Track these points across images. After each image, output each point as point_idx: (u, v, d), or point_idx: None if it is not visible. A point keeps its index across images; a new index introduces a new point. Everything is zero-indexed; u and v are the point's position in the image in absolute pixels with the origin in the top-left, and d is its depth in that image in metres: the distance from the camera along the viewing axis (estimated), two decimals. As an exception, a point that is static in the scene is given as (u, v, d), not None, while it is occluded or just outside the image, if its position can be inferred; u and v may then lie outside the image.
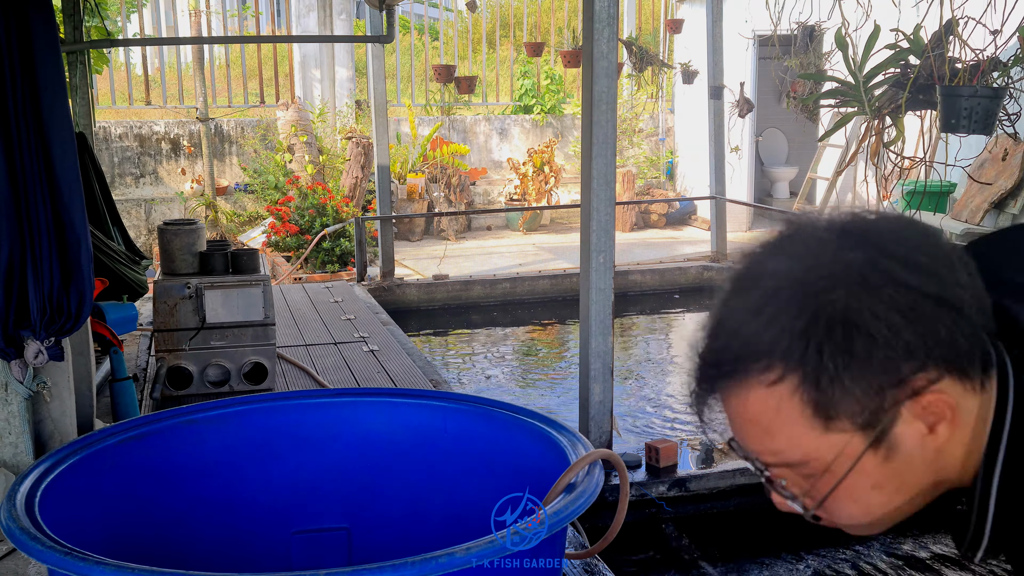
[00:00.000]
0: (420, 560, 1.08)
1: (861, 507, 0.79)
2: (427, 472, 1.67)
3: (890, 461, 0.76)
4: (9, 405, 2.37)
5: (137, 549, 1.41)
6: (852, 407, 0.74)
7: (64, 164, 2.24)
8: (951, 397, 0.75)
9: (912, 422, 0.75)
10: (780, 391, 0.75)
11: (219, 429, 1.63)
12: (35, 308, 2.22)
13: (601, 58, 2.95)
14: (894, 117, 3.23)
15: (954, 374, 0.74)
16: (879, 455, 0.76)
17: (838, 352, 0.72)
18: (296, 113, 8.79)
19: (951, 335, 0.73)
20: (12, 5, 2.15)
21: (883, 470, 0.77)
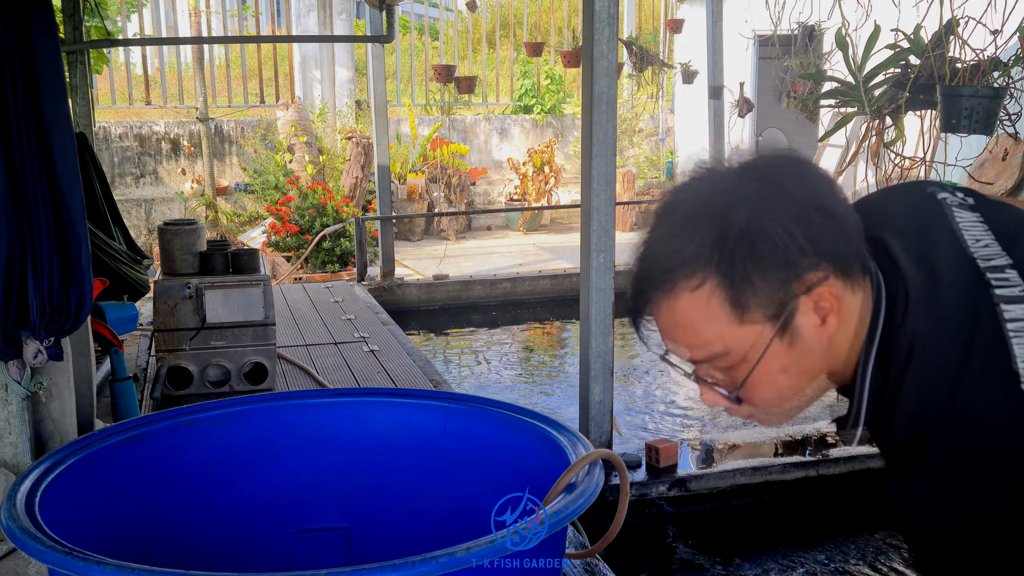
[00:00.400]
0: (420, 560, 1.07)
1: (773, 390, 0.95)
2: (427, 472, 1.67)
3: (793, 347, 0.92)
4: (9, 405, 2.37)
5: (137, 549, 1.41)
6: (761, 301, 0.90)
7: (64, 164, 2.24)
8: (837, 292, 0.91)
9: (808, 313, 0.91)
10: (702, 293, 0.91)
11: (219, 429, 1.63)
12: (35, 308, 2.22)
13: (601, 58, 2.95)
14: (894, 117, 3.23)
15: (838, 274, 0.91)
16: (785, 342, 0.92)
17: (746, 256, 0.88)
18: (296, 113, 8.80)
19: (835, 241, 0.90)
20: (12, 5, 2.15)
21: (788, 355, 0.93)
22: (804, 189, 0.91)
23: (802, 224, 0.89)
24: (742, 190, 0.91)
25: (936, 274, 0.92)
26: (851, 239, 0.92)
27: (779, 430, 3.72)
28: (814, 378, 0.96)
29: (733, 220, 0.89)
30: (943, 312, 0.90)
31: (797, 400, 0.98)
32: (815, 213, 0.90)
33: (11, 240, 2.16)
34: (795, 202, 0.90)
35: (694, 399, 5.01)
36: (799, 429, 3.70)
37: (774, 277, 0.89)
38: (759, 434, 3.66)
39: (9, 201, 2.15)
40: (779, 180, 0.91)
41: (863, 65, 3.21)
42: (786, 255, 0.89)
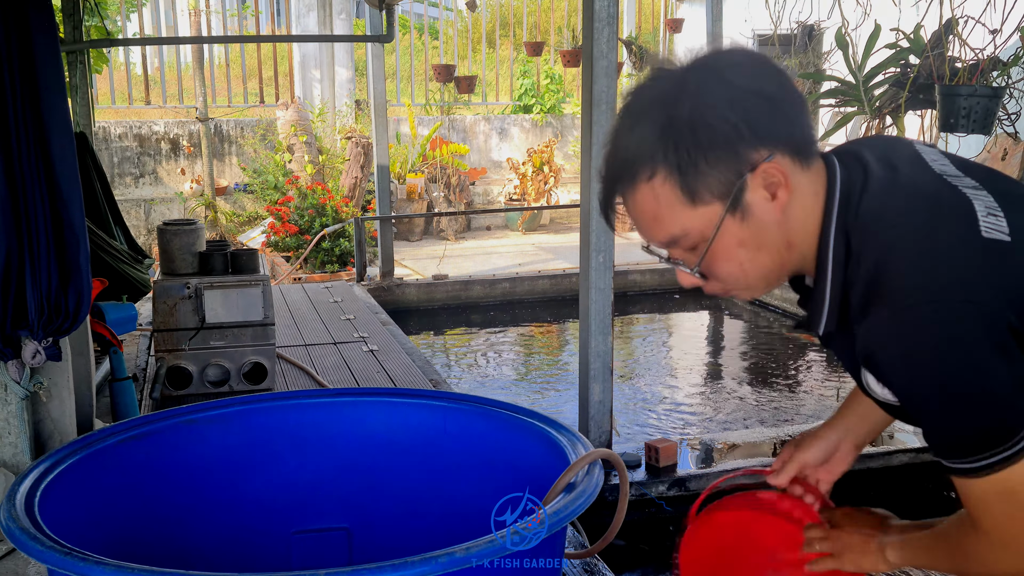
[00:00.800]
0: (420, 560, 1.08)
1: (734, 264, 1.03)
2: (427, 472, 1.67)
3: (747, 222, 1.00)
4: (9, 405, 2.37)
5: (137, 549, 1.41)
6: (709, 184, 0.98)
7: (63, 164, 2.24)
8: (784, 168, 0.99)
9: (757, 190, 0.99)
10: (656, 183, 0.99)
11: (219, 429, 1.63)
12: (33, 308, 2.21)
13: (601, 57, 2.95)
14: (894, 116, 3.23)
15: (784, 152, 0.99)
16: (737, 218, 1.00)
17: (689, 144, 0.96)
18: (296, 113, 8.79)
19: (776, 122, 0.98)
20: (12, 5, 2.15)
21: (743, 230, 1.01)
22: (744, 76, 0.98)
23: (740, 109, 0.96)
24: (685, 83, 0.98)
25: (897, 169, 1.02)
26: (795, 121, 1.00)
27: (778, 430, 3.72)
28: (775, 251, 1.04)
29: (676, 112, 0.97)
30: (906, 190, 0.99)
31: (762, 273, 1.05)
32: (754, 98, 0.97)
33: (9, 240, 2.16)
34: (734, 89, 0.97)
35: (695, 399, 5.01)
36: (798, 429, 3.70)
37: (717, 160, 0.97)
38: (759, 434, 3.66)
39: (7, 201, 2.15)
40: (719, 70, 0.98)
41: (863, 65, 3.21)
42: (727, 139, 0.96)
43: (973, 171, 1.06)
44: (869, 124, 3.33)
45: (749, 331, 6.82)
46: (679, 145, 0.96)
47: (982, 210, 0.97)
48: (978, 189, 1.01)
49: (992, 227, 0.96)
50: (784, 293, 6.57)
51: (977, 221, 0.96)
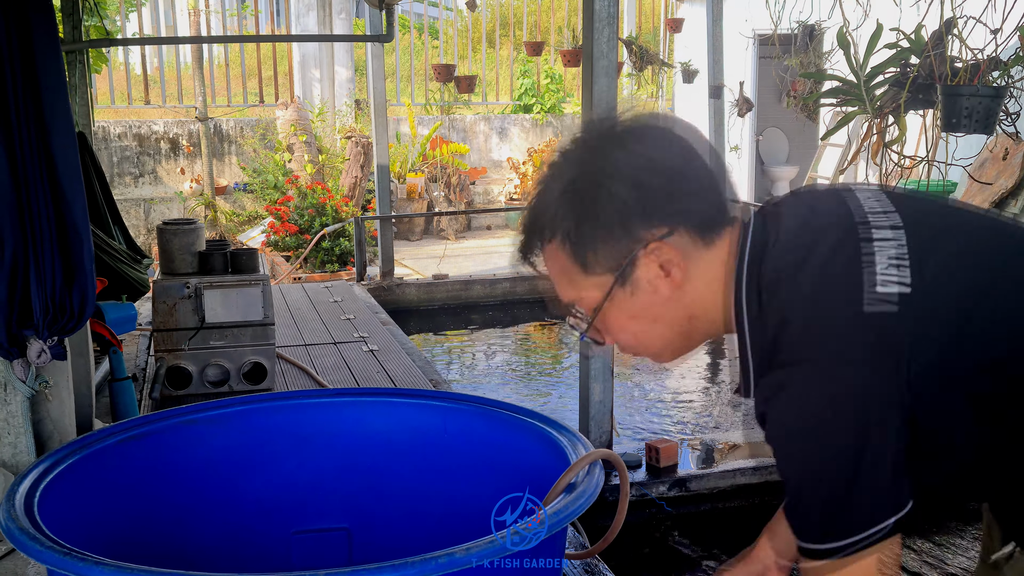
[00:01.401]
0: (420, 560, 1.07)
1: (628, 334, 1.05)
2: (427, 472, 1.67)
3: (637, 296, 1.01)
4: (8, 405, 2.37)
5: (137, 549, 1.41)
6: (600, 255, 1.00)
7: (65, 163, 2.24)
8: (679, 247, 0.99)
9: (649, 266, 1.00)
10: (555, 248, 1.03)
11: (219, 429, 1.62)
12: (38, 307, 2.22)
13: (601, 57, 2.95)
14: (896, 116, 3.23)
15: (685, 229, 0.99)
16: (627, 291, 1.01)
17: (583, 215, 0.98)
18: (295, 112, 8.79)
19: (678, 200, 0.98)
20: (12, 5, 2.14)
21: (634, 303, 1.02)
22: (650, 151, 0.99)
23: (638, 185, 0.97)
24: (594, 152, 1.00)
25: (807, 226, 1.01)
26: (701, 196, 1.00)
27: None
28: (674, 324, 1.04)
29: (579, 181, 0.99)
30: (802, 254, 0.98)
31: (663, 344, 1.07)
32: (655, 175, 0.97)
33: (15, 240, 2.16)
34: (637, 164, 0.98)
35: (696, 399, 5.01)
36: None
37: (608, 235, 0.98)
38: (760, 434, 3.66)
39: (13, 201, 2.15)
40: (627, 143, 1.00)
41: (865, 64, 3.21)
42: (620, 214, 0.97)
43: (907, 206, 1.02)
44: (871, 123, 3.32)
45: (749, 331, 6.82)
46: (575, 215, 0.99)
47: (883, 264, 0.94)
48: (895, 230, 0.97)
49: (889, 281, 0.93)
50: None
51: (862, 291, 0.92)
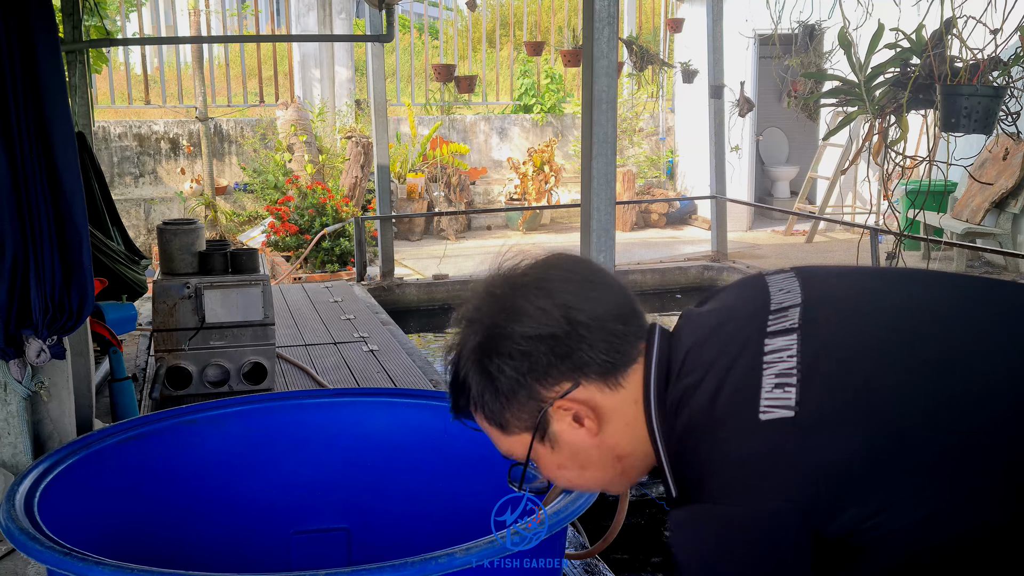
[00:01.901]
0: (420, 560, 1.07)
1: (564, 480, 1.09)
2: (427, 472, 1.67)
3: (559, 449, 1.04)
4: (8, 405, 2.37)
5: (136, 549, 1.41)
6: (512, 417, 1.03)
7: (65, 163, 2.24)
8: (585, 399, 1.01)
9: (562, 419, 1.02)
10: (477, 415, 1.07)
11: (219, 429, 1.62)
12: (37, 307, 2.22)
13: (601, 57, 2.94)
14: (897, 116, 3.23)
15: (589, 378, 1.01)
16: (547, 446, 1.05)
17: (486, 387, 1.03)
18: (296, 112, 8.79)
19: (574, 355, 1.00)
20: (12, 5, 2.14)
21: (558, 455, 1.05)
22: (526, 327, 1.01)
23: (531, 354, 1.00)
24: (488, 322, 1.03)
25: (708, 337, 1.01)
26: (596, 345, 1.00)
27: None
28: (604, 466, 1.06)
29: (478, 353, 1.03)
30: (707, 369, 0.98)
31: (601, 483, 1.09)
32: (544, 340, 1.00)
33: (16, 239, 2.17)
34: (526, 333, 1.00)
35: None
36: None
37: (514, 399, 1.02)
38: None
39: (13, 201, 2.15)
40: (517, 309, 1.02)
41: (866, 64, 3.21)
42: (520, 382, 1.01)
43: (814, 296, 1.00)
44: (872, 123, 3.32)
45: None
46: (481, 385, 1.03)
47: (769, 384, 0.92)
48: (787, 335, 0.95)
49: (773, 405, 0.90)
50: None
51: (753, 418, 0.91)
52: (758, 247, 8.16)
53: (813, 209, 8.49)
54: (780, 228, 9.03)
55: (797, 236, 8.64)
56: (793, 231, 8.78)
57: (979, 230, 6.62)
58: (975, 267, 6.87)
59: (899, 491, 0.86)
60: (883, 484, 0.86)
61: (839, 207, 8.65)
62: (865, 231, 5.64)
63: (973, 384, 0.89)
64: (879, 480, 0.86)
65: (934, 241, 6.18)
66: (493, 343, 1.02)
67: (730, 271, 7.24)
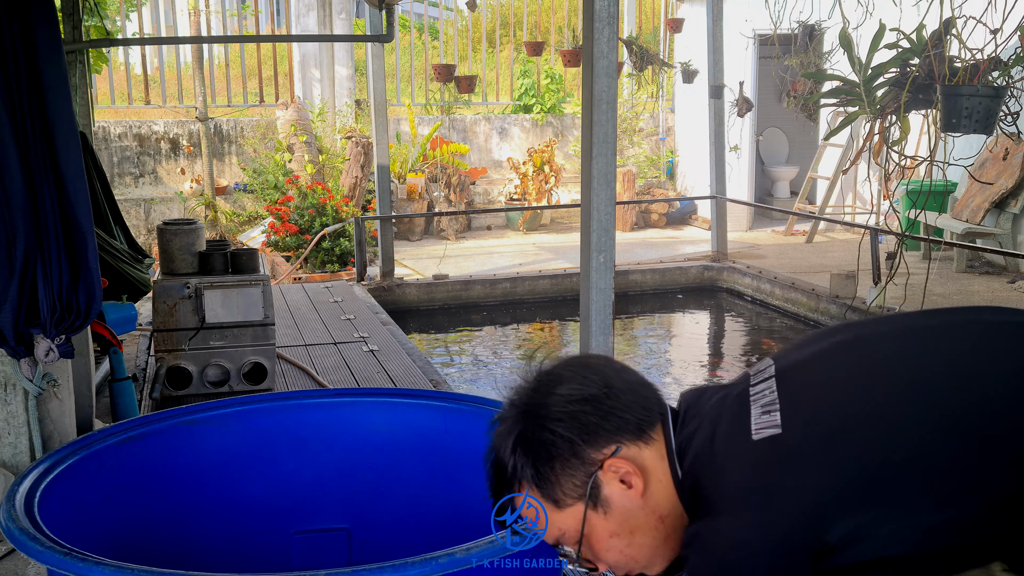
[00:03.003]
0: (420, 560, 1.07)
1: (615, 552, 1.10)
2: (427, 472, 1.67)
3: (611, 514, 1.08)
4: (9, 405, 2.37)
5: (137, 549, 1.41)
6: (565, 489, 1.07)
7: (69, 163, 2.25)
8: (629, 457, 1.07)
9: (611, 483, 1.07)
10: (529, 496, 1.10)
11: (219, 429, 1.62)
12: (45, 306, 2.22)
13: (601, 57, 2.94)
14: (897, 116, 3.23)
15: (627, 440, 1.08)
16: (600, 512, 1.08)
17: (537, 461, 1.08)
18: (296, 113, 8.79)
19: (610, 419, 1.08)
20: (15, 6, 2.15)
21: (610, 522, 1.08)
22: (571, 389, 1.10)
23: (576, 417, 1.07)
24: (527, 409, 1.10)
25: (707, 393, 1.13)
26: (629, 407, 1.09)
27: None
28: (650, 529, 1.10)
29: (525, 432, 1.09)
30: (707, 412, 1.09)
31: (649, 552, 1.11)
32: (585, 405, 1.08)
33: (28, 239, 2.17)
34: (567, 403, 1.08)
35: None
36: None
37: (565, 468, 1.07)
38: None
39: (26, 201, 2.16)
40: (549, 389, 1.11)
41: (867, 64, 3.21)
42: (568, 449, 1.06)
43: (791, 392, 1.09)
44: (872, 124, 3.32)
45: (749, 331, 6.82)
46: (532, 461, 1.08)
47: (756, 413, 1.04)
48: (767, 381, 1.08)
49: (762, 427, 1.02)
50: (785, 293, 6.57)
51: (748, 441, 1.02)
52: (758, 247, 8.16)
53: (813, 209, 8.49)
54: (780, 228, 9.03)
55: (797, 236, 8.64)
56: (793, 231, 8.78)
57: (979, 230, 6.62)
58: (975, 267, 6.87)
59: (875, 510, 0.96)
60: (862, 504, 0.96)
61: (839, 207, 8.64)
62: (865, 231, 5.64)
63: (931, 414, 0.99)
64: (857, 501, 0.96)
65: (934, 241, 6.17)
66: (541, 411, 1.09)
67: (730, 271, 7.24)
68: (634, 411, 1.10)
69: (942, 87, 3.05)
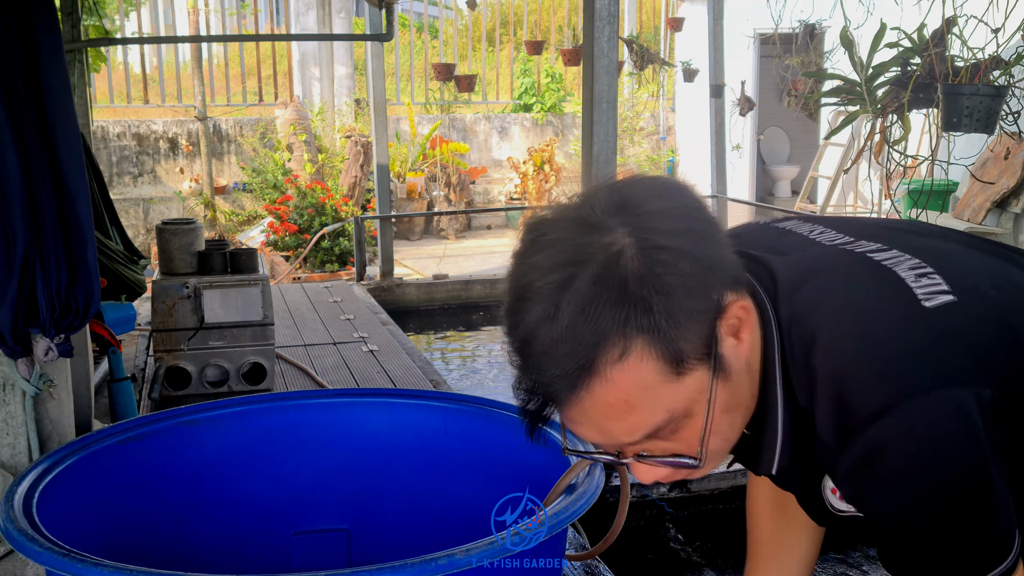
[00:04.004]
0: (420, 561, 1.07)
1: (722, 437, 0.84)
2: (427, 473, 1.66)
3: (728, 381, 0.81)
4: (7, 405, 2.36)
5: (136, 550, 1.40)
6: (692, 343, 0.78)
7: (70, 162, 2.25)
8: (745, 303, 0.83)
9: (726, 338, 0.81)
10: (632, 361, 0.76)
11: (218, 430, 1.62)
12: (44, 305, 2.23)
13: (602, 56, 2.94)
14: (898, 115, 3.22)
15: (734, 287, 0.82)
16: (721, 379, 0.81)
17: (660, 302, 0.75)
18: (295, 112, 8.78)
19: (721, 256, 0.81)
20: (15, 5, 2.14)
21: (726, 392, 0.82)
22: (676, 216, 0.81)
23: (692, 249, 0.78)
24: (619, 240, 0.78)
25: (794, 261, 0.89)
26: (727, 244, 0.84)
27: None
28: (745, 405, 0.86)
29: (625, 274, 0.76)
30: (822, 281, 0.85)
31: (734, 437, 0.87)
32: (695, 238, 0.80)
33: (27, 238, 2.17)
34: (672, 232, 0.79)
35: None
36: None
37: (694, 312, 0.77)
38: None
39: (25, 200, 2.16)
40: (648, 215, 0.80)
41: (868, 63, 3.21)
42: (693, 284, 0.77)
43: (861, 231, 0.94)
44: (874, 123, 3.32)
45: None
46: (648, 306, 0.75)
47: (908, 275, 0.83)
48: (885, 251, 0.88)
49: (929, 290, 0.82)
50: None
51: (911, 291, 0.82)
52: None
53: (814, 209, 8.49)
54: (780, 228, 9.03)
55: (797, 236, 8.65)
56: (793, 231, 8.79)
57: (981, 230, 6.62)
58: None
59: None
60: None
61: (841, 207, 8.64)
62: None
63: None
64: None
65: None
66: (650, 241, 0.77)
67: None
68: (730, 248, 0.83)
69: (943, 86, 3.04)
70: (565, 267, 0.77)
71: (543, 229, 0.83)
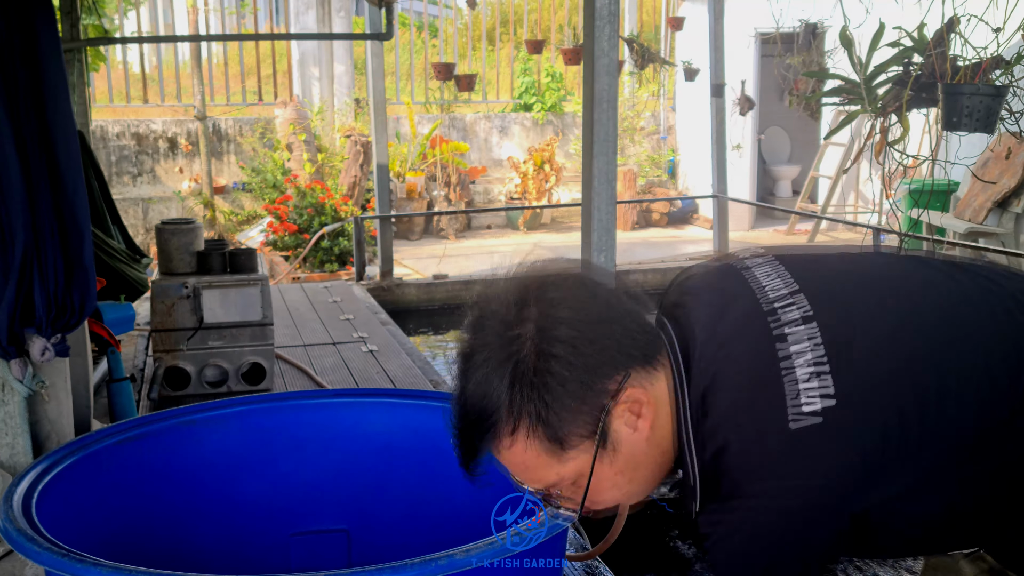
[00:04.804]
0: (420, 562, 1.06)
1: (616, 491, 0.98)
2: (426, 473, 1.66)
3: (618, 452, 0.94)
4: (6, 405, 2.36)
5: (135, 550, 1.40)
6: (575, 426, 0.91)
7: (68, 161, 2.24)
8: (641, 385, 0.94)
9: (623, 416, 0.93)
10: (520, 437, 0.92)
11: (217, 430, 1.61)
12: (41, 305, 2.22)
13: (602, 55, 2.93)
14: (899, 115, 3.22)
15: (637, 366, 0.94)
16: (608, 452, 0.94)
17: (543, 390, 0.90)
18: (294, 111, 8.78)
19: (621, 342, 0.93)
20: (15, 5, 2.14)
21: (617, 462, 0.95)
22: (578, 306, 0.93)
23: (585, 342, 0.91)
24: (522, 328, 0.92)
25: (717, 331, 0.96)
26: (633, 330, 0.94)
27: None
28: (652, 463, 0.98)
29: (519, 360, 0.91)
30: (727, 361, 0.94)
31: (644, 486, 1.00)
32: (594, 326, 0.92)
33: (26, 237, 2.17)
34: (569, 322, 0.91)
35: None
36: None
37: (577, 400, 0.91)
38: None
39: (24, 200, 2.15)
40: (552, 306, 0.93)
41: (867, 63, 3.20)
42: (579, 376, 0.90)
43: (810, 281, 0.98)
44: (873, 123, 3.31)
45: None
46: (532, 393, 0.90)
47: (802, 374, 0.89)
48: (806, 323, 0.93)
49: (811, 396, 0.88)
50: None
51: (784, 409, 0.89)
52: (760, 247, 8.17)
53: (815, 208, 8.48)
54: (782, 227, 9.03)
55: (799, 235, 8.64)
56: (795, 230, 8.78)
57: (982, 229, 6.61)
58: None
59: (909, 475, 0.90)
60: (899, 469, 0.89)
61: (841, 206, 8.64)
62: (867, 230, 5.63)
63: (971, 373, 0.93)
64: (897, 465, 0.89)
65: (936, 241, 6.17)
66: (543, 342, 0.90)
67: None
68: (638, 333, 0.94)
69: (944, 86, 3.04)
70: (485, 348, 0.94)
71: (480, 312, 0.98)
